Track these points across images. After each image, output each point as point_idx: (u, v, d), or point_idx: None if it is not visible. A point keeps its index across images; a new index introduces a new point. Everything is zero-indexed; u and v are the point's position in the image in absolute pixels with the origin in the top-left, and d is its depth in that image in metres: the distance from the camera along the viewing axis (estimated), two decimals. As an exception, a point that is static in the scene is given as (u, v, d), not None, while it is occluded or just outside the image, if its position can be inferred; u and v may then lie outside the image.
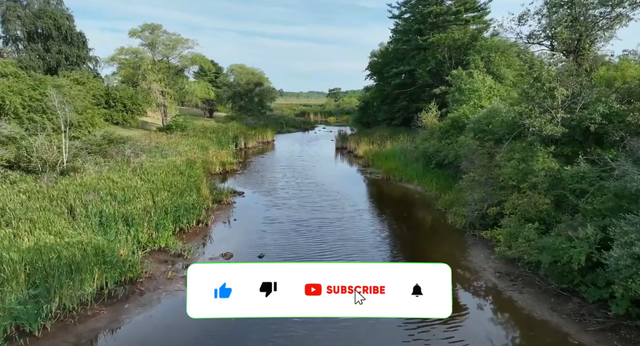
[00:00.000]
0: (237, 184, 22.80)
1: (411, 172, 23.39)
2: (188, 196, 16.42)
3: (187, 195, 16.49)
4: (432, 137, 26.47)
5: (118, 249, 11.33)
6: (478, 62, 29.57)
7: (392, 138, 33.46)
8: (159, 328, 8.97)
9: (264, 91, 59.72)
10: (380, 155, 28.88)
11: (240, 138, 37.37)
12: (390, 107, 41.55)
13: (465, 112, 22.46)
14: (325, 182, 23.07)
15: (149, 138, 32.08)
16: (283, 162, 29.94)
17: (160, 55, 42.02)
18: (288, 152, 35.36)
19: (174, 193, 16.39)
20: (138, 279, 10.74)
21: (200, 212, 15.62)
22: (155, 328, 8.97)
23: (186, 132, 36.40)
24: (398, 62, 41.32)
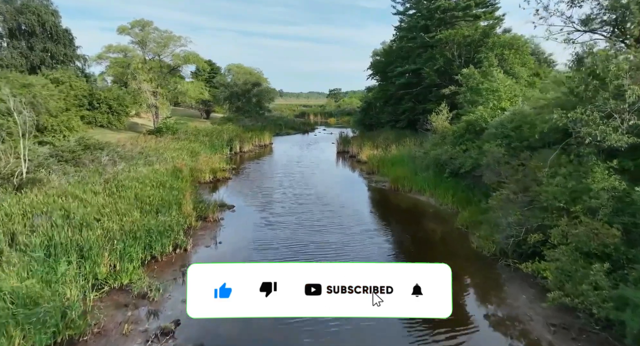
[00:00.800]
0: (228, 195, 20.15)
1: (422, 182, 20.75)
2: (165, 214, 13.79)
3: (165, 213, 13.86)
4: (443, 142, 23.81)
5: (62, 293, 8.71)
6: (492, 60, 26.91)
7: (397, 142, 30.82)
8: None
9: (262, 91, 57.06)
10: (385, 161, 26.23)
11: (235, 142, 34.72)
12: (394, 108, 38.90)
13: (483, 115, 19.80)
14: (326, 193, 20.43)
15: (136, 142, 29.48)
16: (280, 169, 27.28)
17: (151, 54, 39.38)
18: (286, 157, 32.71)
19: (148, 211, 13.75)
20: (82, 337, 8.10)
21: (178, 235, 12.97)
22: None
23: (177, 135, 33.78)
24: (403, 61, 38.67)
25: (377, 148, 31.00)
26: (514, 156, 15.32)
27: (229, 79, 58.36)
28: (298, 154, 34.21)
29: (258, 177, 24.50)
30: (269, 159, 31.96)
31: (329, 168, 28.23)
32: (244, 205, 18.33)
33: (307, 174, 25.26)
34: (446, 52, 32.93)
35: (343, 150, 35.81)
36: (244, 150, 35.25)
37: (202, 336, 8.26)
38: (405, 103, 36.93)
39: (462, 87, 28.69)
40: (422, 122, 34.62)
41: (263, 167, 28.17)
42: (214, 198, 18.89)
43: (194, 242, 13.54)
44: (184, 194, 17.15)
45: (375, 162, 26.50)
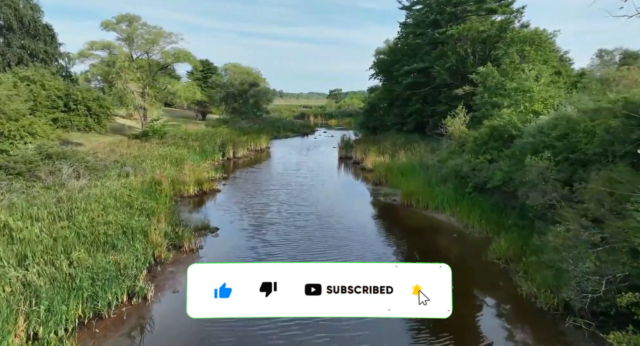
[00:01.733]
0: (213, 213, 16.99)
1: (440, 197, 17.55)
2: (124, 248, 10.61)
3: (124, 247, 10.68)
4: (462, 150, 20.66)
5: None
6: (514, 56, 23.75)
7: (406, 147, 27.65)
8: None
9: (259, 92, 53.85)
10: (394, 169, 23.02)
11: (228, 147, 31.50)
12: (400, 110, 35.72)
13: (512, 120, 16.61)
14: (329, 212, 17.23)
15: (116, 147, 26.32)
16: (276, 179, 24.08)
17: (139, 51, 36.19)
18: (283, 164, 29.50)
19: (102, 244, 10.57)
20: None
21: (136, 279, 9.78)
22: None
23: (165, 139, 30.60)
24: (409, 59, 35.51)
25: (383, 155, 27.82)
26: (561, 171, 12.20)
27: (225, 79, 55.15)
28: (296, 160, 31.00)
29: (250, 189, 21.29)
30: (264, 166, 28.76)
31: (330, 177, 25.02)
32: (230, 228, 15.13)
33: (306, 186, 22.07)
34: (458, 48, 29.75)
35: (345, 156, 32.62)
36: (238, 156, 32.04)
37: None
38: (413, 105, 33.76)
39: (477, 87, 25.65)
40: (432, 125, 31.46)
41: (257, 177, 24.96)
42: (195, 218, 15.73)
43: (158, 284, 10.37)
44: (156, 216, 13.96)
45: (382, 171, 23.29)
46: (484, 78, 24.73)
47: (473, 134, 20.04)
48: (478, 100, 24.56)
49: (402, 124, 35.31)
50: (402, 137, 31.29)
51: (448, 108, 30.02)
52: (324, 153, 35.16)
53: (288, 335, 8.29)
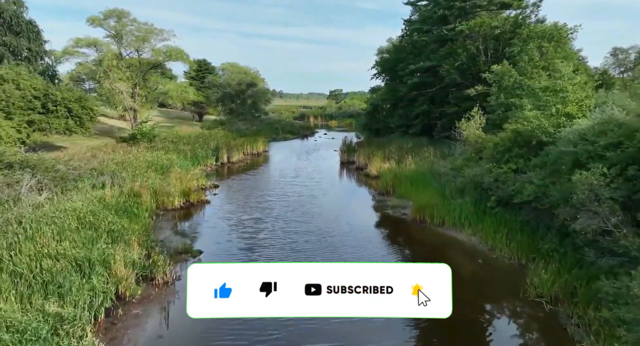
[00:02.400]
0: (198, 231, 14.69)
1: (457, 212, 15.23)
2: (72, 290, 8.29)
3: (70, 289, 8.36)
4: (479, 157, 18.35)
5: None
6: (534, 53, 21.44)
7: (413, 152, 25.32)
8: None
9: (257, 92, 51.51)
10: (402, 177, 20.68)
11: (222, 151, 29.16)
12: (405, 111, 33.38)
13: (541, 124, 14.27)
14: (330, 229, 14.91)
15: (100, 152, 24.00)
16: (273, 188, 21.74)
17: (129, 49, 33.88)
18: (281, 170, 27.16)
19: (40, 287, 8.24)
20: None
21: (82, 338, 7.44)
22: None
23: (154, 143, 28.27)
24: (415, 58, 33.19)
25: (388, 160, 25.48)
26: (617, 189, 9.88)
27: (222, 78, 52.82)
28: (295, 166, 28.66)
29: (243, 201, 18.95)
30: (260, 173, 26.41)
31: (331, 186, 22.64)
32: (215, 251, 12.81)
33: (305, 196, 19.74)
34: (469, 46, 27.43)
35: (347, 160, 30.28)
36: (232, 161, 29.69)
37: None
38: (419, 106, 31.43)
39: (491, 86, 23.37)
40: (440, 128, 29.15)
41: (252, 185, 22.61)
42: (175, 239, 13.44)
43: (116, 336, 8.06)
44: (127, 238, 11.64)
45: (389, 179, 20.94)
46: (499, 77, 22.47)
47: (492, 139, 17.70)
48: (493, 101, 22.30)
49: (407, 126, 32.99)
50: (408, 140, 28.93)
51: (458, 110, 27.75)
52: (325, 158, 32.83)
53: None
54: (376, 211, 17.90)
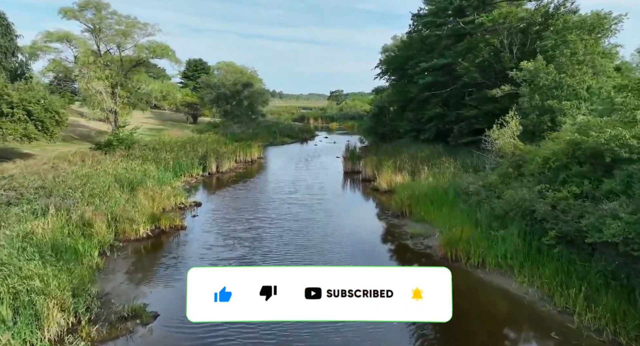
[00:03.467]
0: (160, 278, 10.96)
1: (500, 248, 11.51)
2: None
3: None
4: (518, 173, 14.64)
5: None
6: (577, 46, 17.72)
7: (429, 162, 21.60)
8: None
9: (254, 93, 47.85)
10: (420, 196, 16.91)
11: (211, 159, 25.40)
12: (416, 114, 29.63)
13: (620, 134, 10.52)
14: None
15: (65, 162, 20.31)
16: (264, 209, 17.95)
17: (109, 44, 30.14)
18: (277, 182, 23.40)
19: None
20: None
21: None
22: None
23: (133, 150, 24.54)
24: (426, 55, 29.49)
25: (400, 171, 21.76)
26: None
27: (217, 78, 49.11)
28: (293, 177, 24.89)
29: (227, 227, 15.17)
30: (252, 186, 22.59)
31: (334, 205, 18.79)
32: (176, 315, 9.05)
33: (303, 220, 15.98)
34: (492, 40, 23.68)
35: (352, 170, 26.55)
36: (222, 170, 25.93)
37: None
38: (432, 109, 27.69)
39: (521, 86, 19.76)
40: (457, 133, 25.41)
41: (241, 204, 18.81)
42: (126, 292, 9.72)
43: None
44: (39, 304, 7.91)
45: (404, 197, 17.13)
46: (531, 75, 18.84)
47: (538, 152, 13.99)
48: (525, 103, 18.67)
49: (418, 131, 29.25)
50: (422, 148, 25.17)
51: (478, 113, 24.05)
52: (326, 166, 29.07)
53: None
54: (392, 242, 14.11)
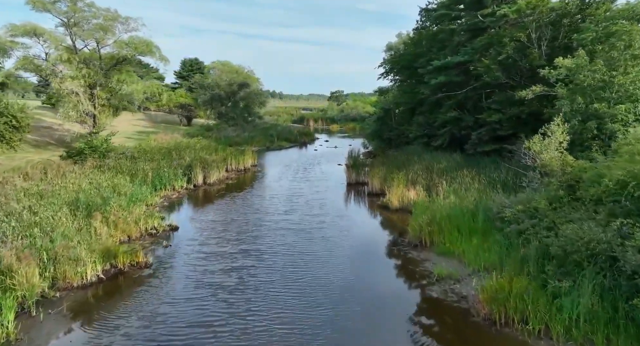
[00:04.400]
0: (106, 337, 7.71)
1: (567, 309, 8.26)
2: None
3: None
4: (573, 197, 11.35)
5: None
6: (634, 38, 14.44)
7: (447, 174, 18.31)
8: None
9: (251, 94, 44.55)
10: (442, 220, 13.62)
11: (196, 170, 22.10)
12: (427, 118, 26.35)
13: None
14: (340, 337, 7.95)
15: (18, 176, 17.06)
16: (253, 236, 14.61)
17: (86, 40, 26.82)
18: (270, 198, 20.09)
19: None
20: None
21: None
22: None
23: (108, 159, 21.28)
24: (438, 52, 26.21)
25: (413, 185, 18.50)
26: None
27: (211, 78, 45.81)
28: (289, 190, 21.58)
29: (202, 266, 11.82)
30: (241, 203, 19.21)
31: (339, 231, 15.35)
32: None
33: (298, 254, 12.65)
34: (518, 34, 20.37)
35: (356, 181, 23.29)
36: (210, 182, 22.65)
37: None
38: (446, 112, 24.37)
39: (555, 86, 16.56)
40: (476, 140, 22.14)
41: (224, 228, 15.43)
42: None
43: None
44: None
45: (423, 222, 13.82)
46: (571, 73, 15.61)
47: (604, 172, 10.68)
48: (565, 106, 15.42)
49: (429, 137, 25.98)
50: (435, 156, 21.86)
51: (502, 118, 20.77)
52: (327, 176, 25.76)
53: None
54: (413, 288, 10.79)
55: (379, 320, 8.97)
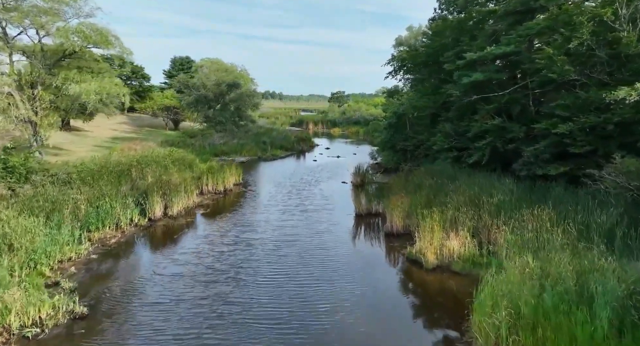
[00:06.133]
0: None
1: None
2: None
3: None
4: None
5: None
6: None
7: (504, 212, 12.15)
8: None
9: (242, 95, 38.37)
10: (527, 315, 7.51)
11: (154, 197, 15.91)
12: (457, 126, 20.15)
13: None
14: None
15: None
16: (210, 330, 8.55)
17: (27, 27, 20.67)
18: (249, 247, 13.85)
19: None
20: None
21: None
22: None
23: (29, 184, 15.15)
24: (471, 43, 20.05)
25: (454, 228, 12.36)
26: None
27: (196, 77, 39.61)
28: (278, 231, 15.36)
29: None
30: (205, 260, 12.85)
31: (355, 319, 9.37)
32: None
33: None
34: (601, 11, 14.14)
35: (368, 211, 17.11)
36: (173, 213, 16.46)
37: None
38: (484, 119, 18.18)
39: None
40: (531, 158, 16.04)
41: (167, 318, 9.34)
42: None
43: None
44: None
45: (500, 320, 7.72)
46: None
47: None
48: None
49: (459, 150, 19.79)
50: (478, 179, 15.63)
51: (574, 129, 14.58)
52: (329, 202, 19.53)
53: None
54: None
55: None
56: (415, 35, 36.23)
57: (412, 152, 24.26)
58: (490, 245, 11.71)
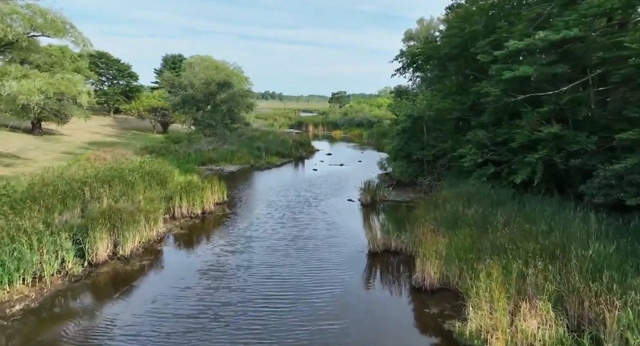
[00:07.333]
0: None
1: None
2: None
3: None
4: None
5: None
6: None
7: (607, 276, 7.81)
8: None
9: (234, 96, 33.96)
10: None
11: (95, 233, 11.50)
12: (493, 134, 15.74)
13: None
14: None
15: None
16: None
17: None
18: (222, 293, 9.57)
19: None
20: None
21: None
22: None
23: None
24: (511, 29, 15.71)
25: (526, 288, 8.01)
26: None
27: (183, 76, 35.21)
28: (262, 274, 11.07)
29: None
30: (150, 322, 8.72)
31: None
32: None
33: None
34: None
35: (385, 247, 12.68)
36: (125, 252, 12.06)
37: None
38: (533, 127, 13.79)
39: None
40: (614, 182, 11.71)
41: None
42: None
43: None
44: None
45: None
46: None
47: None
48: None
49: (497, 164, 15.40)
50: (545, 212, 11.26)
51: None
52: (335, 233, 15.07)
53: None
54: None
55: None
56: (428, 28, 31.86)
57: (432, 163, 19.89)
58: (590, 326, 7.35)
